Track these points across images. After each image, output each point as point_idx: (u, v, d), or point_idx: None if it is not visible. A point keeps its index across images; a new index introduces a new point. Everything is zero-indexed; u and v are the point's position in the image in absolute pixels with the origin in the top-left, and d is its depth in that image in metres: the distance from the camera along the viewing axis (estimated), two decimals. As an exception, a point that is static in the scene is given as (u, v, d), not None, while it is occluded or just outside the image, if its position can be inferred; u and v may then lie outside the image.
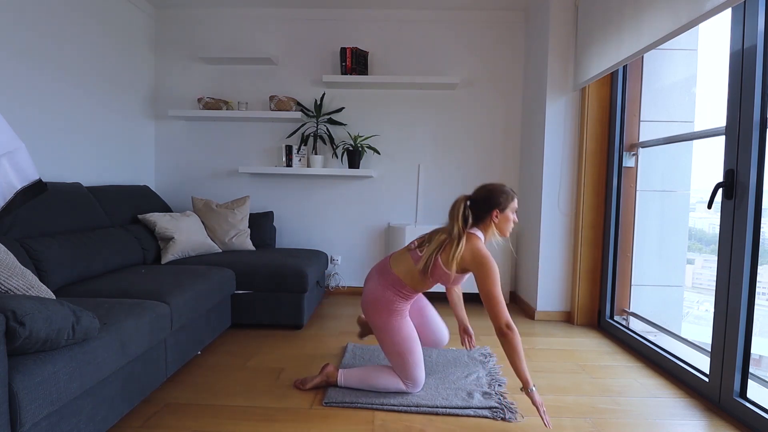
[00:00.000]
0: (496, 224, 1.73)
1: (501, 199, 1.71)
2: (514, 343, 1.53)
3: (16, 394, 1.06)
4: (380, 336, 1.78)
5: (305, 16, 3.47)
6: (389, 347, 1.76)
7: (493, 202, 1.71)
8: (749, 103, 1.64)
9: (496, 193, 1.72)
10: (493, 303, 1.58)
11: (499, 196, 1.71)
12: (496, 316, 1.56)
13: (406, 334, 1.75)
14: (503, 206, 1.72)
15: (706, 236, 2.57)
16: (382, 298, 1.75)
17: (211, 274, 2.32)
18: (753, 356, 1.70)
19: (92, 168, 2.90)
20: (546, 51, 2.89)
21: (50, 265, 1.95)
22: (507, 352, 1.55)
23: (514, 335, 1.53)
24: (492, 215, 1.71)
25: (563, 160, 2.89)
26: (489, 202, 1.71)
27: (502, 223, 1.73)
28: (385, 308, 1.75)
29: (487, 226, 1.74)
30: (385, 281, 1.77)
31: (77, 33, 2.73)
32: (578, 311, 2.86)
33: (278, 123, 3.54)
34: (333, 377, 1.85)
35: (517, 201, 1.77)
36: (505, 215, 1.73)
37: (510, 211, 1.73)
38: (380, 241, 3.58)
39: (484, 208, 1.72)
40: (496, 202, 1.71)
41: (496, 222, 1.72)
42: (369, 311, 1.79)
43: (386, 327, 1.75)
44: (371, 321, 1.79)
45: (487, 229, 1.74)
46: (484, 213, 1.72)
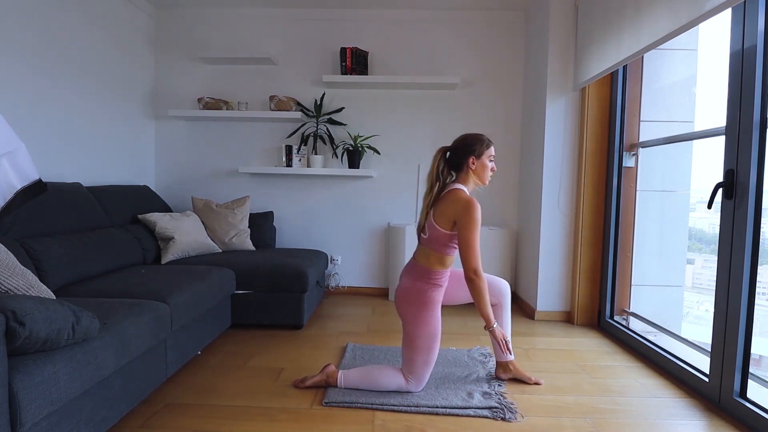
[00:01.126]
0: (474, 171, 1.78)
1: (476, 145, 1.77)
2: (480, 287, 1.69)
3: (16, 394, 1.06)
4: (409, 327, 1.79)
5: (305, 16, 3.47)
6: (413, 339, 1.77)
7: (469, 149, 1.76)
8: (749, 103, 1.64)
9: (470, 140, 1.78)
10: (467, 248, 1.67)
11: (474, 143, 1.77)
12: (468, 261, 1.67)
13: (433, 329, 1.77)
14: (479, 152, 1.77)
15: (706, 236, 2.57)
16: (413, 289, 1.78)
17: (211, 274, 2.32)
18: (753, 356, 1.70)
19: (92, 168, 2.90)
20: (546, 51, 2.89)
21: (50, 265, 1.95)
22: (472, 294, 1.71)
23: (481, 281, 1.69)
24: (468, 162, 1.76)
25: (563, 160, 2.89)
26: (464, 150, 1.77)
27: (479, 169, 1.78)
28: (416, 299, 1.77)
29: (466, 175, 1.79)
30: (415, 274, 1.80)
31: (77, 33, 2.73)
32: (578, 311, 2.86)
33: (278, 123, 3.54)
34: (333, 377, 1.86)
35: (493, 149, 1.82)
36: (481, 162, 1.78)
37: (486, 157, 1.78)
38: (380, 241, 3.58)
39: (461, 155, 1.77)
40: (471, 149, 1.76)
41: (473, 169, 1.78)
42: (402, 304, 1.81)
43: (417, 318, 1.76)
44: (403, 313, 1.80)
45: (467, 179, 1.80)
46: (462, 160, 1.77)
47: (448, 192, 1.76)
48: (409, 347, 1.79)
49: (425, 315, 1.76)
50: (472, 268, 1.68)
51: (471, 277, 1.68)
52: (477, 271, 1.68)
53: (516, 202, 3.52)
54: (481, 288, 1.69)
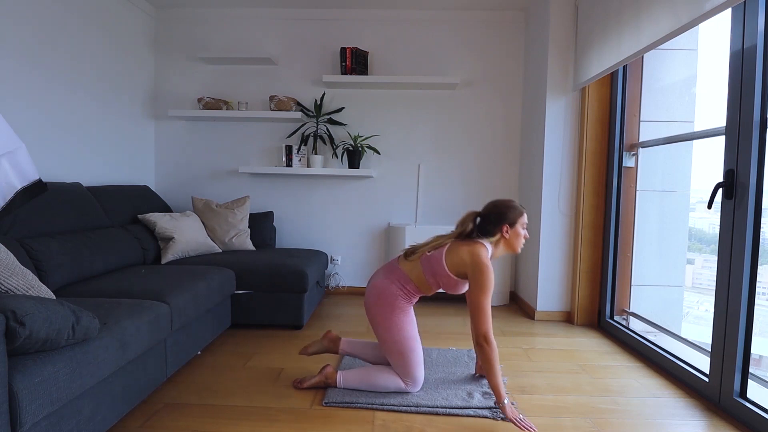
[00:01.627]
0: (507, 240, 1.72)
1: (510, 214, 1.70)
2: (490, 356, 1.55)
3: (16, 394, 1.06)
4: (382, 334, 1.77)
5: (305, 16, 3.47)
6: (390, 345, 1.76)
7: (503, 218, 1.70)
8: (749, 103, 1.64)
9: (504, 208, 1.71)
10: (478, 312, 1.58)
11: (508, 212, 1.70)
12: (478, 325, 1.58)
13: (408, 333, 1.75)
14: (513, 221, 1.70)
15: (706, 236, 2.57)
16: (386, 291, 1.74)
17: (211, 274, 2.32)
18: (753, 356, 1.70)
19: (92, 168, 2.90)
20: (546, 51, 2.89)
21: (50, 265, 1.95)
22: (481, 362, 1.58)
23: (491, 349, 1.55)
24: (502, 231, 1.70)
25: (563, 160, 2.89)
26: (498, 218, 1.70)
27: (513, 238, 1.72)
28: (388, 303, 1.74)
29: (496, 241, 1.72)
30: (391, 275, 1.77)
31: (77, 33, 2.73)
32: (578, 311, 2.86)
33: (278, 123, 3.54)
34: (332, 378, 1.85)
35: (526, 216, 1.76)
36: (515, 230, 1.71)
37: (520, 226, 1.72)
38: (380, 241, 3.58)
39: (494, 223, 1.70)
40: (506, 217, 1.70)
41: (507, 237, 1.71)
42: (372, 306, 1.78)
43: (388, 324, 1.74)
44: (374, 317, 1.78)
45: (496, 244, 1.73)
46: (494, 228, 1.71)
47: (472, 242, 1.68)
48: (392, 352, 1.76)
49: (396, 320, 1.73)
50: (482, 334, 1.57)
51: (481, 343, 1.56)
52: (487, 337, 1.56)
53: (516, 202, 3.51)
54: (491, 356, 1.55)
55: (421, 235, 3.26)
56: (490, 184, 3.52)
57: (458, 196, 3.53)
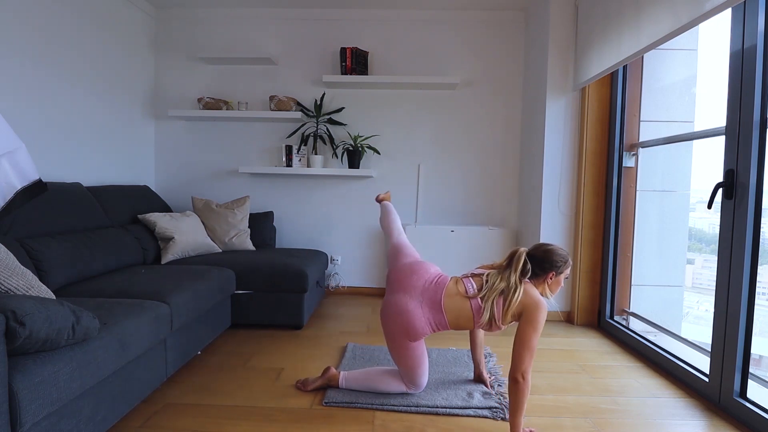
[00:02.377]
0: (549, 285, 1.71)
1: (560, 264, 1.69)
2: (523, 393, 1.53)
3: (16, 393, 1.06)
4: (395, 351, 1.76)
5: (305, 16, 3.47)
6: (400, 359, 1.76)
7: (553, 265, 1.68)
8: (749, 103, 1.64)
9: (557, 257, 1.69)
10: (525, 349, 1.55)
11: (559, 261, 1.69)
12: (521, 362, 1.54)
13: (419, 353, 1.75)
14: (560, 271, 1.70)
15: (706, 236, 2.57)
16: (418, 329, 1.69)
17: (211, 274, 2.32)
18: (753, 356, 1.70)
19: (92, 168, 2.90)
20: (546, 51, 2.89)
21: (50, 265, 1.95)
22: (511, 398, 1.55)
23: (525, 386, 1.54)
24: (548, 276, 1.69)
25: (563, 160, 2.89)
26: (548, 264, 1.69)
27: (554, 285, 1.71)
28: (413, 335, 1.71)
29: (538, 284, 1.71)
30: (431, 316, 1.70)
31: (77, 33, 2.73)
32: (578, 311, 2.86)
33: (278, 123, 3.54)
34: (335, 380, 1.86)
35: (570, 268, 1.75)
36: (558, 279, 1.72)
37: (563, 276, 1.73)
38: (380, 241, 3.58)
39: (542, 267, 1.69)
40: (555, 265, 1.68)
41: (549, 283, 1.70)
42: (393, 327, 1.73)
43: (405, 346, 1.73)
44: (390, 333, 1.75)
45: (537, 287, 1.71)
46: (541, 272, 1.69)
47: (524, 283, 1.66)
48: (400, 364, 1.77)
49: (413, 345, 1.73)
50: (522, 371, 1.54)
51: (518, 379, 1.53)
52: (525, 375, 1.54)
53: (516, 202, 3.52)
54: (523, 394, 1.53)
55: (421, 235, 3.26)
56: (490, 184, 3.52)
57: (458, 196, 3.53)
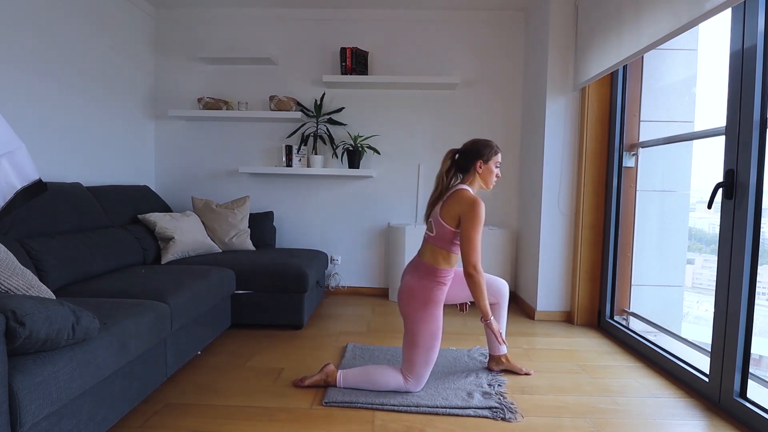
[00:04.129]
0: (480, 174, 1.85)
1: (485, 150, 1.84)
2: (479, 282, 1.74)
3: (16, 393, 1.06)
4: (411, 325, 1.80)
5: (305, 16, 3.47)
6: (414, 337, 1.78)
7: (477, 153, 1.84)
8: (749, 103, 1.64)
9: (480, 145, 1.85)
10: (468, 244, 1.72)
11: (483, 148, 1.84)
12: (468, 256, 1.72)
13: (436, 327, 1.79)
14: (486, 157, 1.84)
15: (706, 236, 2.57)
16: (418, 286, 1.80)
17: (211, 274, 2.32)
18: (753, 356, 1.70)
19: (92, 168, 2.90)
20: (546, 51, 2.89)
21: (50, 265, 1.95)
22: (471, 289, 1.76)
23: (480, 276, 1.74)
24: (476, 165, 1.84)
25: (563, 160, 2.89)
26: (473, 153, 1.84)
27: (485, 174, 1.85)
28: (421, 297, 1.79)
29: (472, 178, 1.86)
30: (420, 272, 1.82)
31: (77, 33, 2.73)
32: (578, 311, 2.86)
33: (278, 123, 3.54)
34: (332, 377, 1.86)
35: (500, 156, 1.89)
36: (488, 167, 1.85)
37: (492, 163, 1.86)
38: (380, 241, 3.58)
39: (469, 158, 1.84)
40: (480, 153, 1.83)
41: (479, 172, 1.85)
42: (405, 301, 1.82)
43: (418, 317, 1.78)
44: (406, 311, 1.82)
45: (472, 182, 1.86)
46: (469, 163, 1.85)
47: (454, 191, 1.80)
48: (410, 345, 1.80)
49: (428, 313, 1.78)
50: (471, 264, 1.72)
51: (470, 272, 1.73)
52: (476, 266, 1.73)
53: (516, 202, 3.52)
54: (479, 282, 1.74)
55: (421, 235, 3.24)
56: (490, 184, 3.51)
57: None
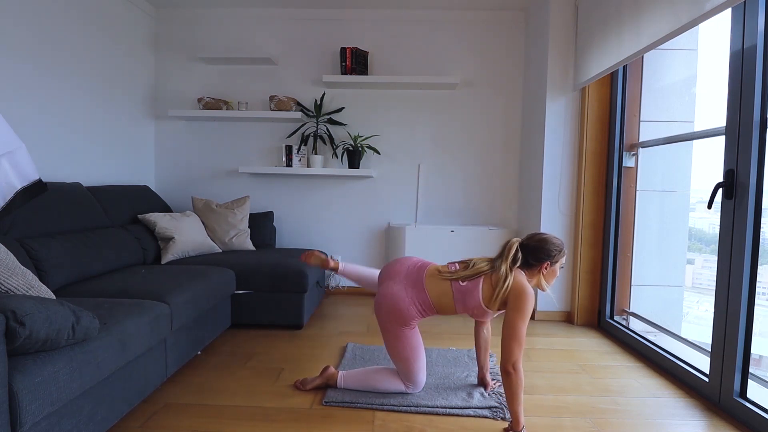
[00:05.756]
0: (544, 275, 1.69)
1: (554, 252, 1.66)
2: (515, 385, 1.53)
3: (16, 393, 1.06)
4: (389, 342, 1.76)
5: (305, 16, 3.47)
6: (396, 353, 1.76)
7: (547, 255, 1.66)
8: (749, 103, 1.64)
9: (551, 245, 1.67)
10: (513, 338, 1.54)
11: (554, 250, 1.67)
12: (510, 352, 1.53)
13: (414, 343, 1.74)
14: (555, 260, 1.68)
15: (706, 236, 2.57)
16: (403, 310, 1.70)
17: (211, 274, 2.32)
18: (753, 356, 1.70)
19: (92, 168, 2.90)
20: (546, 51, 2.89)
21: (50, 265, 1.95)
22: (506, 391, 1.55)
23: (518, 377, 1.52)
24: (542, 266, 1.67)
25: (563, 160, 2.89)
26: (542, 253, 1.66)
27: (549, 275, 1.70)
28: (401, 319, 1.71)
29: (533, 275, 1.69)
30: (414, 296, 1.71)
31: (77, 33, 2.73)
32: (578, 311, 2.86)
33: (278, 123, 3.54)
34: (333, 380, 1.86)
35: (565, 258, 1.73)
36: (553, 269, 1.69)
37: (559, 265, 1.70)
38: (380, 241, 3.58)
39: (536, 257, 1.66)
40: (550, 255, 1.66)
41: (544, 273, 1.68)
42: (384, 315, 1.74)
43: (397, 334, 1.73)
44: (383, 324, 1.76)
45: (533, 277, 1.69)
46: (535, 262, 1.67)
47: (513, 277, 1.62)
48: (397, 359, 1.77)
49: (406, 332, 1.72)
50: (512, 361, 1.52)
51: (509, 370, 1.52)
52: (516, 365, 1.52)
53: (516, 202, 3.52)
54: (517, 384, 1.52)
55: (421, 235, 3.26)
56: (490, 184, 3.52)
57: (458, 196, 3.53)
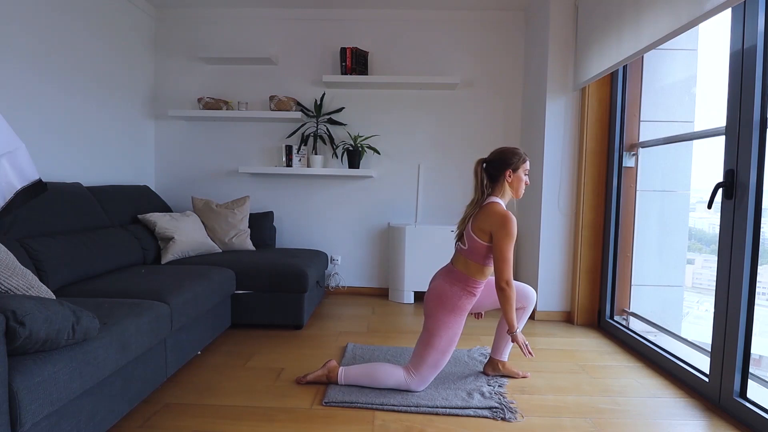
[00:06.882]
0: (509, 183, 1.84)
1: (513, 159, 1.82)
2: (510, 297, 1.74)
3: (16, 393, 1.06)
4: (431, 326, 1.81)
5: (305, 16, 3.47)
6: (431, 338, 1.79)
7: (506, 162, 1.82)
8: (749, 103, 1.64)
9: (508, 153, 1.83)
10: (502, 260, 1.72)
11: (512, 157, 1.82)
12: (501, 272, 1.73)
13: (454, 334, 1.80)
14: (515, 166, 1.82)
15: (706, 236, 2.57)
16: (448, 292, 1.80)
17: (211, 274, 2.32)
18: (753, 356, 1.70)
19: (92, 168, 2.90)
20: (546, 51, 2.89)
21: (50, 265, 1.95)
22: (502, 303, 1.77)
23: (511, 291, 1.74)
24: (505, 175, 1.82)
25: (563, 160, 2.89)
26: (502, 163, 1.82)
27: (515, 183, 1.84)
28: (449, 302, 1.79)
29: (502, 188, 1.84)
30: (452, 278, 1.83)
31: (77, 33, 2.73)
32: (578, 311, 2.86)
33: (278, 123, 3.54)
34: (334, 373, 1.87)
35: (528, 163, 1.87)
36: (517, 175, 1.84)
37: (522, 171, 1.84)
38: (380, 241, 3.58)
39: (498, 167, 1.83)
40: (509, 161, 1.82)
41: (509, 181, 1.83)
42: (432, 305, 1.82)
43: (443, 319, 1.79)
44: (431, 312, 1.82)
45: (503, 192, 1.85)
46: (498, 173, 1.83)
47: (486, 205, 1.80)
48: (426, 345, 1.81)
49: (451, 319, 1.79)
50: (505, 279, 1.73)
51: (503, 286, 1.73)
52: (509, 281, 1.73)
53: (516, 202, 3.51)
54: (511, 297, 1.74)
55: (421, 235, 3.26)
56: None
57: (458, 196, 3.52)
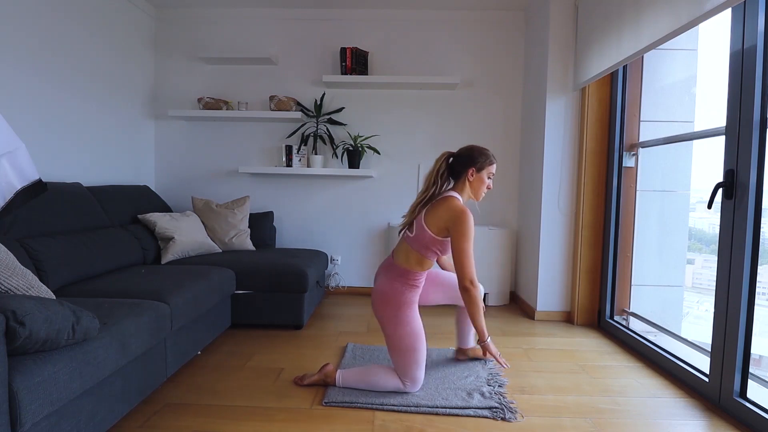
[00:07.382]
0: (470, 182, 1.79)
1: (479, 158, 1.78)
2: (476, 297, 1.66)
3: (16, 393, 1.06)
4: (388, 330, 1.79)
5: (305, 16, 3.47)
6: (395, 341, 1.77)
7: (472, 160, 1.77)
8: (749, 103, 1.64)
9: (476, 152, 1.78)
10: (462, 258, 1.65)
11: (478, 156, 1.77)
12: (463, 270, 1.65)
13: (413, 328, 1.76)
14: (480, 166, 1.77)
15: (706, 236, 2.57)
16: (390, 291, 1.77)
17: (211, 274, 2.32)
18: (753, 356, 1.70)
19: (92, 168, 2.90)
20: (546, 51, 2.89)
21: (50, 265, 1.95)
22: (467, 305, 1.68)
23: (476, 291, 1.66)
24: (468, 172, 1.77)
25: (563, 160, 2.89)
26: (468, 159, 1.78)
27: (476, 183, 1.79)
28: (393, 300, 1.76)
29: (462, 185, 1.80)
30: (392, 275, 1.80)
31: (77, 33, 2.73)
32: (578, 311, 2.86)
33: (278, 123, 3.54)
34: (331, 377, 1.86)
35: (495, 167, 1.83)
36: (480, 176, 1.79)
37: (486, 173, 1.79)
38: (380, 241, 3.58)
39: (463, 163, 1.78)
40: (474, 160, 1.77)
41: (470, 180, 1.78)
42: (378, 305, 1.81)
43: (395, 319, 1.76)
44: (381, 315, 1.80)
45: (462, 189, 1.80)
46: (462, 169, 1.78)
47: (444, 198, 1.76)
48: (394, 350, 1.78)
49: (403, 315, 1.76)
50: (468, 278, 1.66)
51: (466, 286, 1.66)
52: (473, 281, 1.66)
53: (516, 202, 3.52)
54: (476, 298, 1.67)
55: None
56: (490, 184, 3.51)
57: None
